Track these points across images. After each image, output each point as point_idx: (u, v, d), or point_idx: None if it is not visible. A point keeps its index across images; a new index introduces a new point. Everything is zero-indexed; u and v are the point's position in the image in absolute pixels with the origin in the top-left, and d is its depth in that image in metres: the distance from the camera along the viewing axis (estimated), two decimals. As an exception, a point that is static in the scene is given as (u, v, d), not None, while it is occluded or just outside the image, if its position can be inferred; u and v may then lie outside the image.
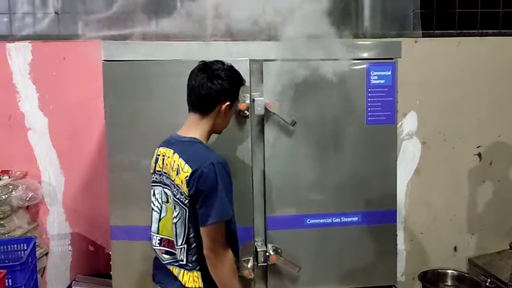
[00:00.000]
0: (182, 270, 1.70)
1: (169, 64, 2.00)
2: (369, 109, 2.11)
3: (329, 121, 2.11)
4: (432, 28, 2.99)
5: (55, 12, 2.69)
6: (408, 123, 3.02)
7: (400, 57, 2.10)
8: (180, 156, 1.64)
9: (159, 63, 2.00)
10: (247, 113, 2.01)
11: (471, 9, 3.04)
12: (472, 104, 3.07)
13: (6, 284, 2.03)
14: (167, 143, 1.74)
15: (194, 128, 1.70)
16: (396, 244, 2.23)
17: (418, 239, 3.10)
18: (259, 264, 2.09)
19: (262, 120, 2.07)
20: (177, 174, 1.63)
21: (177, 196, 1.64)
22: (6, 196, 2.45)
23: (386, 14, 2.95)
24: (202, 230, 1.62)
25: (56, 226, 2.84)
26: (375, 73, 2.09)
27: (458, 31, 3.03)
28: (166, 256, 1.74)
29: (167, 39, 2.64)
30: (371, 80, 2.09)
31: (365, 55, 2.10)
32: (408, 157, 3.04)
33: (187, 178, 1.59)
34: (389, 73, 2.09)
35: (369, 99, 2.10)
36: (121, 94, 2.04)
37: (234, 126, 2.00)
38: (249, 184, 2.05)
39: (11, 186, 2.50)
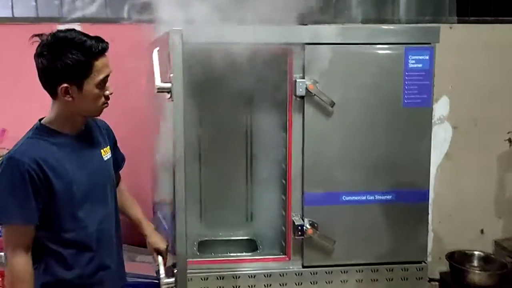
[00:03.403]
0: None
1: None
2: (406, 91, 2.19)
3: (367, 103, 2.20)
4: (467, 14, 3.02)
5: (103, -4, 2.84)
6: (439, 108, 3.08)
7: (438, 42, 2.17)
8: None
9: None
10: None
11: (507, -5, 3.07)
12: (504, 90, 3.11)
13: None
14: None
15: None
16: (428, 222, 2.32)
17: (446, 221, 3.18)
18: (296, 237, 2.22)
19: (303, 101, 2.17)
20: None
21: None
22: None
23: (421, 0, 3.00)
24: None
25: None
26: (413, 57, 2.16)
27: (493, 18, 3.05)
28: None
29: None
30: (409, 64, 2.17)
31: (404, 39, 2.17)
32: (439, 141, 3.11)
33: None
34: (427, 57, 2.16)
35: (406, 82, 2.18)
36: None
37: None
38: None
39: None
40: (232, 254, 2.40)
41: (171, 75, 1.61)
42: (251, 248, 2.52)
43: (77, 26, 2.81)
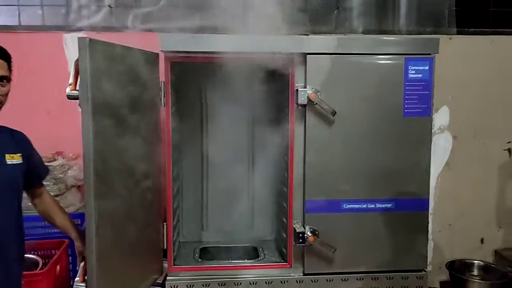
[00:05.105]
0: None
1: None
2: (406, 101, 2.22)
3: (367, 112, 2.24)
4: (467, 26, 3.07)
5: (109, 6, 2.88)
6: (440, 118, 3.10)
7: (438, 53, 2.21)
8: None
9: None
10: None
11: (505, 7, 3.11)
12: (503, 100, 3.14)
13: (68, 253, 2.24)
14: None
15: None
16: (428, 231, 2.34)
17: (446, 230, 3.19)
18: (297, 245, 2.24)
19: (305, 110, 2.21)
20: None
21: None
22: (62, 175, 2.65)
23: (421, 11, 3.04)
24: None
25: (103, 205, 3.04)
26: (413, 67, 2.20)
27: (492, 29, 3.10)
28: None
29: (206, 32, 2.78)
30: (409, 74, 2.21)
31: (404, 50, 2.21)
32: (439, 151, 3.13)
33: None
34: (427, 68, 2.20)
35: (406, 92, 2.22)
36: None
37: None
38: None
39: (66, 166, 2.70)
40: (233, 261, 2.42)
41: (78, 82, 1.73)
42: (253, 255, 2.54)
43: (83, 35, 2.88)
